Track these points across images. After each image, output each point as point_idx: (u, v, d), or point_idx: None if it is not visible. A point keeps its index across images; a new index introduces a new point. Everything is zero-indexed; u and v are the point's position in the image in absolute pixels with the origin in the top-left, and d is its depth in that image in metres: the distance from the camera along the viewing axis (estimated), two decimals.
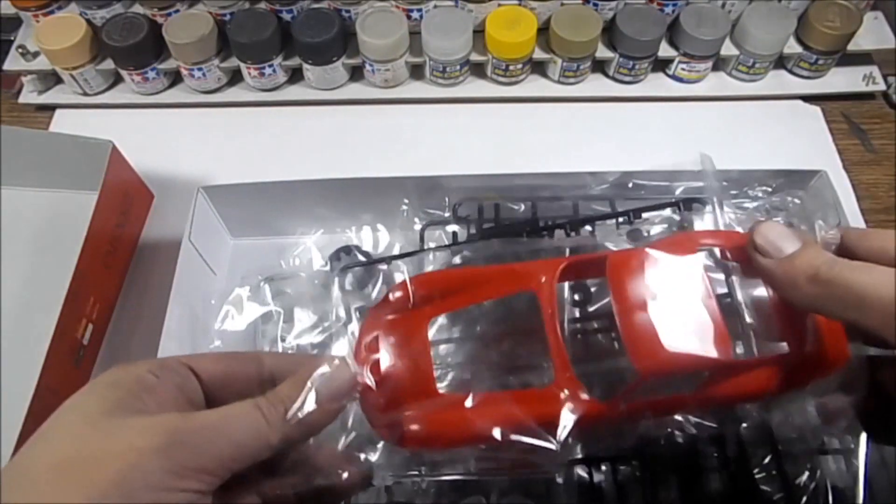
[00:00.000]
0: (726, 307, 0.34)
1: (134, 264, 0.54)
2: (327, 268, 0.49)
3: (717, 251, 0.34)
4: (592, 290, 0.41)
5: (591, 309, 0.41)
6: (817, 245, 0.29)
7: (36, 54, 0.61)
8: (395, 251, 0.50)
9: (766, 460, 0.40)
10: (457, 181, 0.48)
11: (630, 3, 0.60)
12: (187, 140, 0.61)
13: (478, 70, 0.63)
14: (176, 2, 0.59)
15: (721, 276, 0.34)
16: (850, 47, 0.61)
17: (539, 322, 0.32)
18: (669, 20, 0.60)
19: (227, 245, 0.53)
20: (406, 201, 0.50)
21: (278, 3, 0.58)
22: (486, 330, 0.42)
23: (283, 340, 0.47)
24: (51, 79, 0.63)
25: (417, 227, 0.49)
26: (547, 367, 0.35)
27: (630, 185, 0.49)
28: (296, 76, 0.63)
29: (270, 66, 0.60)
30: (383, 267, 0.47)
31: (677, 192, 0.49)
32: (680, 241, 0.34)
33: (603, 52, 0.61)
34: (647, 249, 0.32)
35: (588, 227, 0.48)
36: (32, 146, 0.53)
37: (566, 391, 0.31)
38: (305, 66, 0.60)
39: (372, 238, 0.52)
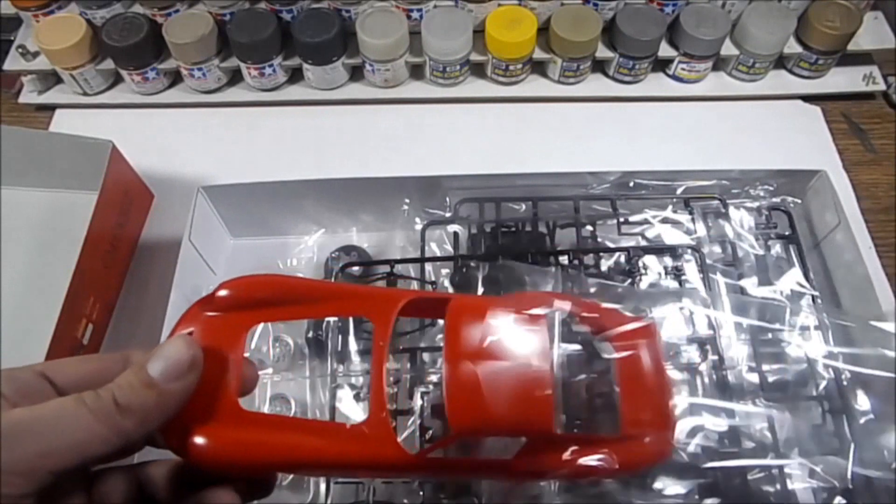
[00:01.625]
0: (567, 378, 0.33)
1: (134, 264, 0.54)
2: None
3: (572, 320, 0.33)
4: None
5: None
6: None
7: (36, 54, 0.61)
8: (396, 251, 0.51)
9: (767, 461, 0.40)
10: (457, 181, 0.48)
11: (630, 3, 0.60)
12: (187, 140, 0.61)
13: (478, 70, 0.63)
14: (176, 2, 0.59)
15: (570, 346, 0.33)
16: (850, 47, 0.61)
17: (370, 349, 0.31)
18: (669, 20, 0.60)
19: (227, 245, 0.53)
20: (407, 201, 0.50)
21: (278, 3, 0.58)
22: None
23: (277, 341, 0.47)
24: (51, 79, 0.63)
25: (418, 227, 0.49)
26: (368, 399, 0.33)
27: (631, 184, 0.49)
28: (296, 76, 0.63)
29: (270, 66, 0.60)
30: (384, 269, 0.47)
31: (678, 191, 0.49)
32: (531, 299, 0.33)
33: (603, 52, 0.61)
34: (493, 303, 0.31)
35: (590, 227, 0.48)
36: (32, 146, 0.53)
37: (375, 432, 0.28)
38: (305, 66, 0.60)
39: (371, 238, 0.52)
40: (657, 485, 0.39)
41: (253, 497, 0.28)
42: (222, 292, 0.29)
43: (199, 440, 0.27)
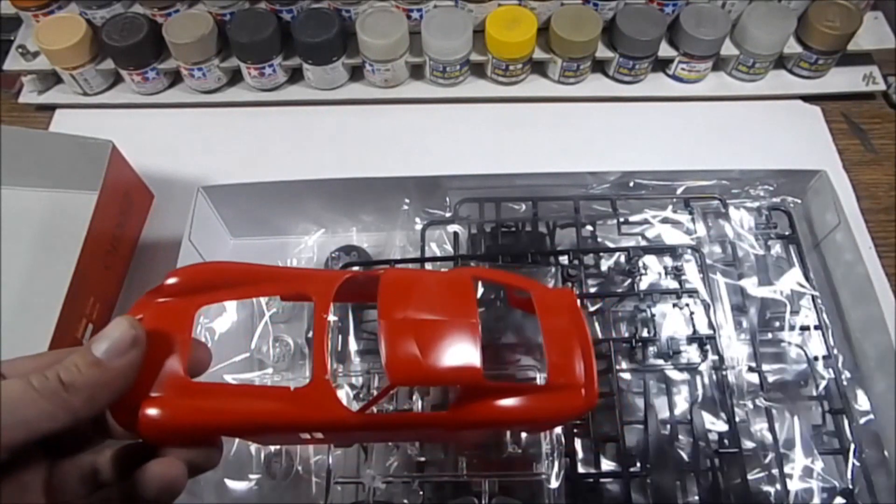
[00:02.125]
0: (495, 335, 0.39)
1: (134, 264, 0.54)
2: None
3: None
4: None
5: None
6: None
7: (36, 54, 0.61)
8: (396, 251, 0.51)
9: (767, 460, 0.40)
10: (457, 181, 0.48)
11: (630, 3, 0.60)
12: (187, 140, 0.61)
13: (478, 70, 0.63)
14: (176, 2, 0.59)
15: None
16: (850, 47, 0.61)
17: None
18: (669, 20, 0.60)
19: (227, 245, 0.53)
20: (407, 201, 0.50)
21: (278, 3, 0.58)
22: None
23: (277, 341, 0.47)
24: (51, 79, 0.63)
25: (418, 226, 0.49)
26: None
27: (631, 184, 0.49)
28: (296, 76, 0.63)
29: (270, 66, 0.60)
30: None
31: (678, 191, 0.49)
32: (461, 271, 0.36)
33: (603, 52, 0.61)
34: (423, 272, 0.34)
35: (590, 227, 0.48)
36: (32, 146, 0.53)
37: (317, 392, 0.30)
38: (305, 66, 0.60)
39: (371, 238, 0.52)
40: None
41: (199, 469, 0.29)
42: (170, 280, 0.31)
43: (146, 411, 0.28)
